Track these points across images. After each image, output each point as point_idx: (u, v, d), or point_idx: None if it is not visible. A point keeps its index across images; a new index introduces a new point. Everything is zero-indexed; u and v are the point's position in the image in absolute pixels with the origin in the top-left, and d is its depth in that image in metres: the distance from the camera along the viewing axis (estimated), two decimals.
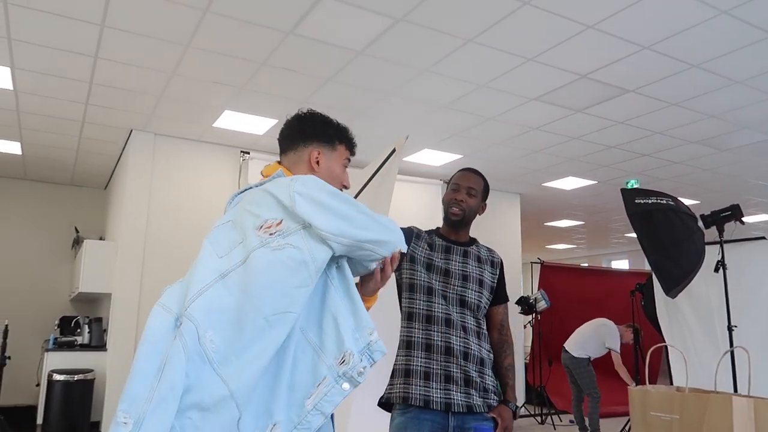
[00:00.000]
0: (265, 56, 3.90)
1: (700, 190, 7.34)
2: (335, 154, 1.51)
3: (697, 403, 2.05)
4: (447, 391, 1.87)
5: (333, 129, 1.53)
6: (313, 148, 1.49)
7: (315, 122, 1.52)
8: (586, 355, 5.60)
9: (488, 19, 3.38)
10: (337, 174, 1.51)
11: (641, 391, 2.24)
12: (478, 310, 2.01)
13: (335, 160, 1.51)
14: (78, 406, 5.07)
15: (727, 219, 3.96)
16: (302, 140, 1.50)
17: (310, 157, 1.48)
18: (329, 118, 1.56)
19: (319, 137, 1.50)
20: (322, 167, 1.48)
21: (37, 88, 4.47)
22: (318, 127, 1.51)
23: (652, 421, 2.13)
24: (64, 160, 6.42)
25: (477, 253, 2.10)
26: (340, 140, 1.53)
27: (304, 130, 1.51)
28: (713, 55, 3.79)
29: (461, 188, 2.09)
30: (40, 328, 6.77)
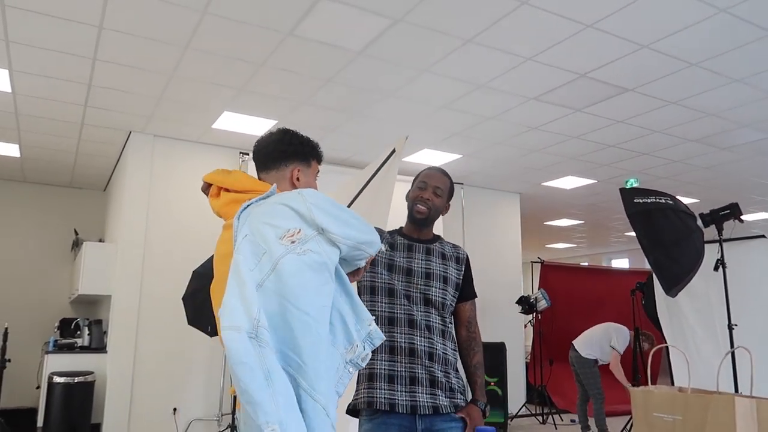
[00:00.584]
0: (264, 57, 3.90)
1: (699, 189, 7.34)
2: (310, 170, 1.69)
3: (700, 403, 2.05)
4: (412, 393, 1.84)
5: (309, 148, 1.69)
6: (294, 167, 1.65)
7: (294, 143, 1.67)
8: (593, 357, 5.60)
9: (487, 19, 3.38)
10: (313, 187, 1.65)
11: (644, 391, 2.24)
12: (443, 308, 1.98)
13: (310, 175, 1.68)
14: (78, 408, 5.07)
15: (726, 217, 3.96)
16: (284, 160, 1.64)
17: (292, 174, 1.64)
18: (304, 137, 1.72)
19: (298, 156, 1.66)
20: (301, 183, 1.64)
21: (36, 90, 4.46)
22: (297, 148, 1.67)
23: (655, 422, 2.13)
24: (63, 163, 6.42)
25: (441, 249, 2.07)
26: (314, 157, 1.70)
27: (285, 151, 1.65)
28: (712, 53, 3.79)
29: (428, 187, 2.06)
30: (40, 330, 6.77)
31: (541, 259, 8.11)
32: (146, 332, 5.27)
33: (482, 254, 6.79)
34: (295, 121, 5.11)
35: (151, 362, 5.25)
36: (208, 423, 5.30)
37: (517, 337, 7.41)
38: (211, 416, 5.35)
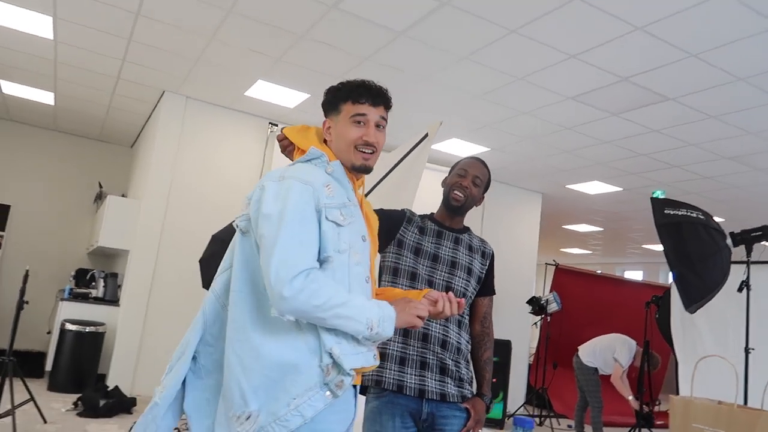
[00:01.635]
0: (305, 29, 3.87)
1: (727, 208, 7.21)
2: (341, 116, 1.49)
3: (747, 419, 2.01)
4: (422, 377, 1.85)
5: (333, 93, 1.52)
6: (325, 121, 1.54)
7: (327, 94, 1.54)
8: (593, 365, 5.55)
9: (536, 10, 3.32)
10: (345, 135, 1.48)
11: (684, 400, 2.21)
12: (464, 299, 1.95)
13: (342, 122, 1.49)
14: (87, 357, 5.16)
15: (757, 239, 3.87)
16: (325, 116, 1.55)
17: (324, 130, 1.53)
18: (344, 82, 1.53)
19: (328, 108, 1.53)
20: (333, 136, 1.51)
21: (77, 39, 4.49)
22: (327, 98, 1.53)
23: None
24: (94, 115, 6.47)
25: (469, 241, 2.06)
26: (344, 99, 1.49)
27: (322, 107, 1.56)
28: (761, 69, 3.69)
29: (468, 175, 2.03)
30: (56, 278, 6.88)
31: (556, 262, 8.04)
32: (160, 290, 5.33)
33: (498, 250, 6.66)
34: None
35: (162, 320, 5.32)
36: None
37: (524, 337, 7.38)
38: None
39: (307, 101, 5.27)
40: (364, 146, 1.47)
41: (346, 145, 1.47)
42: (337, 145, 1.49)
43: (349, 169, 1.48)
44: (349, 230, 1.40)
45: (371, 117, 1.48)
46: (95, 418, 4.24)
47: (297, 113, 5.62)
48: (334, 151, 1.50)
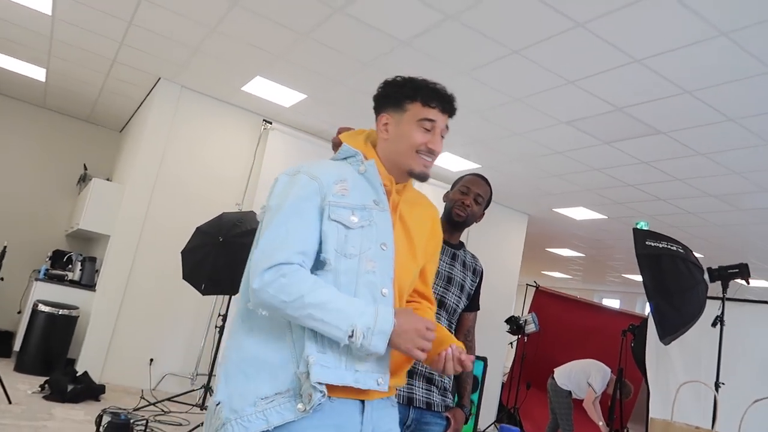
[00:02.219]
0: (308, 29, 3.87)
1: (707, 245, 7.32)
2: (406, 115, 1.38)
3: None
4: (410, 386, 1.89)
5: (404, 89, 1.40)
6: (382, 115, 1.42)
7: (386, 87, 1.43)
8: (567, 388, 5.58)
9: (539, 33, 3.36)
10: (410, 137, 1.37)
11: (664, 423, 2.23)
12: (454, 314, 2.04)
13: (406, 122, 1.38)
14: (58, 339, 5.06)
15: (734, 276, 3.94)
16: (377, 108, 1.45)
17: (380, 125, 1.42)
18: (408, 78, 1.42)
19: (388, 102, 1.42)
20: (391, 134, 1.40)
21: (76, 18, 4.44)
22: (388, 91, 1.42)
23: None
24: (86, 96, 6.39)
25: (464, 258, 2.12)
26: (411, 98, 1.38)
27: (377, 98, 1.45)
28: (752, 112, 3.77)
29: (471, 192, 2.09)
30: (31, 258, 6.74)
31: (537, 283, 8.09)
32: (138, 278, 5.26)
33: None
34: (324, 99, 5.09)
35: (138, 309, 5.24)
36: (182, 379, 5.30)
37: (500, 355, 7.40)
38: (186, 374, 5.34)
39: (303, 102, 5.26)
40: (428, 153, 1.38)
41: (407, 148, 1.37)
42: (395, 146, 1.39)
43: (407, 173, 1.39)
44: (363, 234, 1.29)
45: (439, 123, 1.39)
46: (62, 403, 4.15)
47: (291, 112, 5.60)
48: (388, 150, 1.40)
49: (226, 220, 4.33)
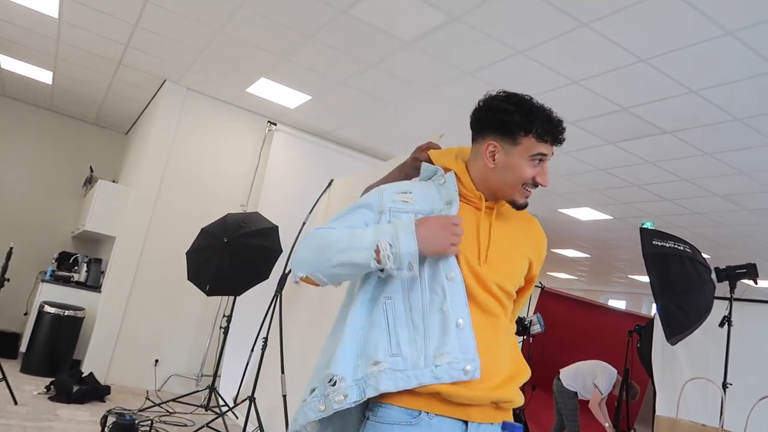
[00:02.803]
0: (313, 30, 3.88)
1: (712, 245, 7.28)
2: (518, 148, 1.30)
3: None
4: None
5: (517, 118, 1.29)
6: (489, 141, 1.33)
7: (495, 110, 1.32)
8: (573, 389, 5.56)
9: (543, 33, 3.35)
10: (519, 172, 1.31)
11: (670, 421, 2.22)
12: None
13: (517, 155, 1.30)
14: (64, 340, 5.08)
15: (742, 276, 3.91)
16: (480, 131, 1.36)
17: (485, 150, 1.33)
18: (517, 102, 1.32)
19: (497, 128, 1.32)
20: (498, 164, 1.32)
21: (82, 20, 4.46)
22: (497, 116, 1.31)
23: None
24: (92, 98, 6.42)
25: None
26: (526, 131, 1.29)
27: (481, 119, 1.35)
28: (759, 111, 3.75)
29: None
30: (38, 259, 6.78)
31: (542, 284, 8.06)
32: (144, 280, 5.28)
33: None
34: (329, 100, 5.09)
35: (143, 310, 5.26)
36: (187, 380, 5.31)
37: None
38: (191, 375, 5.35)
39: (307, 103, 5.27)
40: (532, 186, 1.34)
41: (515, 182, 1.32)
42: (501, 177, 1.32)
43: (508, 203, 1.36)
44: None
45: (548, 157, 1.33)
46: (67, 404, 4.17)
47: (296, 114, 5.61)
48: (491, 179, 1.34)
49: (231, 221, 4.34)
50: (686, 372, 4.40)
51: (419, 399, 1.19)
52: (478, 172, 1.36)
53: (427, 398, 1.19)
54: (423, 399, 1.19)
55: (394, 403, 1.20)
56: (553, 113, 1.33)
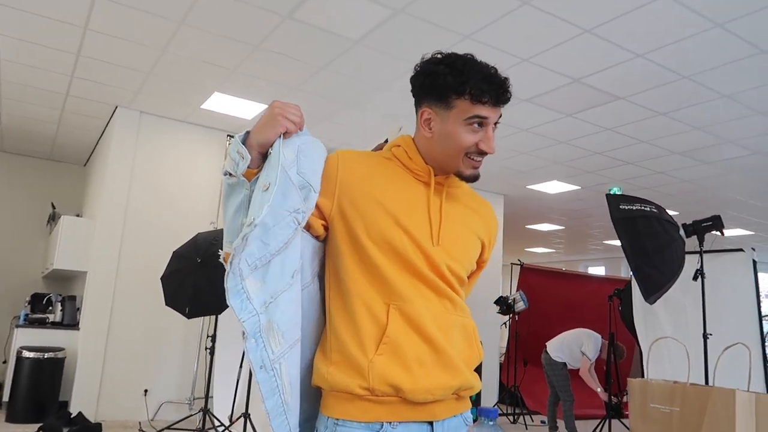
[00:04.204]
0: (260, 39, 3.84)
1: (679, 201, 7.47)
2: (452, 113, 1.17)
3: (699, 396, 2.09)
4: None
5: (449, 79, 1.16)
6: (424, 108, 1.21)
7: (427, 73, 1.19)
8: (561, 360, 5.66)
9: (488, 16, 3.38)
10: (457, 139, 1.18)
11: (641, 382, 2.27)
12: None
13: (453, 120, 1.17)
14: (47, 384, 4.96)
15: (708, 229, 4.03)
16: (417, 99, 1.24)
17: (421, 119, 1.22)
18: (451, 63, 1.18)
19: (429, 93, 1.20)
20: (435, 132, 1.20)
21: (22, 56, 4.34)
22: (429, 80, 1.19)
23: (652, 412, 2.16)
24: (44, 134, 6.26)
25: None
26: (458, 93, 1.16)
27: (415, 86, 1.23)
28: (704, 67, 3.85)
29: None
30: (10, 304, 6.60)
31: (521, 261, 8.17)
32: (121, 311, 5.18)
33: None
34: None
35: (125, 341, 5.16)
36: (179, 406, 5.24)
37: (493, 337, 7.47)
38: (183, 399, 5.28)
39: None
40: (478, 154, 1.21)
41: (456, 151, 1.20)
42: (441, 147, 1.20)
43: (456, 175, 1.25)
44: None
45: (491, 120, 1.19)
46: None
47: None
48: (431, 150, 1.22)
49: (202, 241, 4.29)
50: (668, 328, 4.52)
51: (379, 408, 1.10)
52: (421, 143, 1.25)
53: (387, 405, 1.11)
54: (383, 407, 1.10)
55: (351, 418, 1.10)
56: (495, 71, 1.19)
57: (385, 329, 1.11)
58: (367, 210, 1.16)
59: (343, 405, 1.11)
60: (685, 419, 2.06)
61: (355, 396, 1.10)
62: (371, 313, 1.13)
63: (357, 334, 1.12)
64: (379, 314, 1.13)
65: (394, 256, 1.15)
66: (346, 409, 1.11)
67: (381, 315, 1.13)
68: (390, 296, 1.14)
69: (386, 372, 1.09)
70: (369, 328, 1.12)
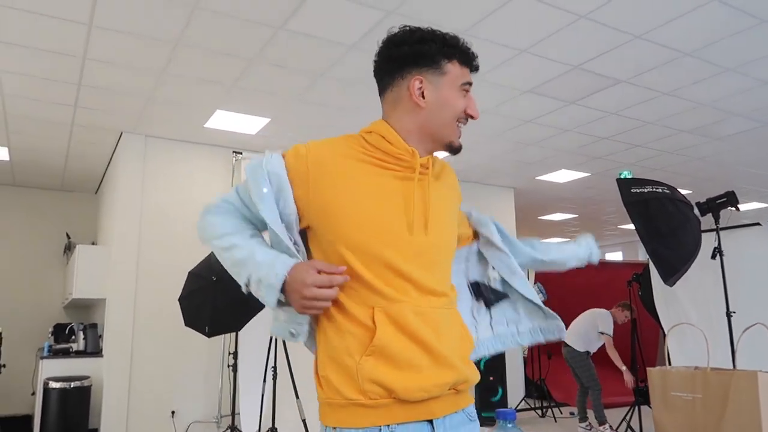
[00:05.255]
0: (255, 53, 3.86)
1: (693, 180, 7.37)
2: (446, 78, 1.15)
3: (721, 380, 2.04)
4: None
5: (437, 45, 1.14)
6: (415, 77, 1.15)
7: (411, 42, 1.15)
8: (584, 349, 5.61)
9: (481, 10, 3.37)
10: (454, 104, 1.17)
11: (661, 371, 2.23)
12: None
13: (447, 86, 1.15)
14: (75, 413, 5.00)
15: (723, 206, 3.97)
16: (397, 70, 1.17)
17: (411, 90, 1.16)
18: (430, 31, 1.16)
19: (417, 61, 1.15)
20: (429, 101, 1.16)
21: (25, 90, 4.40)
22: (415, 47, 1.15)
23: (674, 401, 2.13)
24: (53, 165, 6.34)
25: None
26: (449, 57, 1.15)
27: (394, 56, 1.17)
28: (704, 42, 3.79)
29: None
30: (34, 336, 6.69)
31: None
32: (142, 334, 5.22)
33: None
34: (288, 118, 5.07)
35: (148, 365, 5.20)
36: (207, 425, 5.26)
37: None
38: (210, 418, 5.30)
39: (268, 126, 5.24)
40: (464, 121, 1.20)
41: (451, 117, 1.17)
42: (435, 115, 1.17)
43: (445, 145, 1.21)
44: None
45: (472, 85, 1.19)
46: None
47: (259, 139, 5.58)
48: (424, 121, 1.17)
49: (216, 259, 4.30)
50: (690, 310, 4.45)
51: (373, 412, 1.07)
52: (404, 121, 1.18)
53: (383, 408, 1.07)
54: (379, 410, 1.07)
55: (347, 426, 1.08)
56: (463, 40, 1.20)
57: (373, 334, 1.08)
58: (338, 214, 1.12)
59: (338, 413, 1.09)
60: (708, 406, 2.01)
61: (348, 401, 1.07)
62: (357, 318, 1.10)
63: (344, 341, 1.10)
64: (365, 319, 1.10)
65: (371, 259, 1.11)
66: (341, 417, 1.09)
67: (367, 320, 1.09)
68: (374, 299, 1.10)
69: (375, 373, 1.06)
70: (356, 333, 1.09)
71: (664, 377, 2.21)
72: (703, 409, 2.04)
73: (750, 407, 1.91)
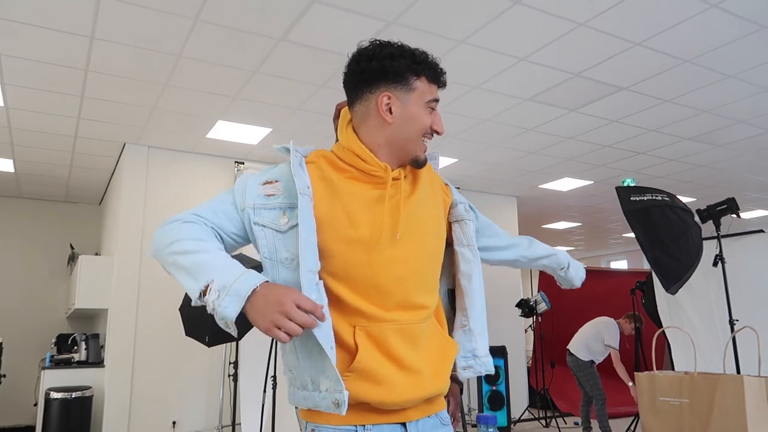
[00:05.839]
0: (257, 64, 3.89)
1: (696, 187, 7.34)
2: (413, 95, 1.18)
3: (707, 385, 2.02)
4: None
5: (406, 61, 1.17)
6: (383, 93, 1.17)
7: (380, 57, 1.17)
8: (589, 358, 5.57)
9: (480, 19, 3.38)
10: (420, 120, 1.19)
11: (649, 375, 2.21)
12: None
13: (414, 102, 1.18)
14: (77, 423, 5.00)
15: (724, 213, 3.95)
16: (366, 85, 1.19)
17: (379, 105, 1.17)
18: (399, 47, 1.19)
19: (385, 76, 1.17)
20: (396, 117, 1.17)
21: (29, 103, 4.44)
22: (384, 63, 1.16)
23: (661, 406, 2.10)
24: (57, 176, 6.38)
25: None
26: (417, 73, 1.17)
27: (366, 71, 1.18)
28: (705, 49, 3.80)
29: None
30: (37, 346, 6.70)
31: None
32: (144, 345, 5.22)
33: None
34: (290, 128, 5.10)
35: (150, 375, 5.19)
36: None
37: (518, 341, 7.37)
38: (211, 428, 5.28)
39: (269, 136, 5.27)
40: (430, 136, 1.23)
41: (416, 133, 1.19)
42: (403, 131, 1.18)
43: (411, 161, 1.22)
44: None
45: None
46: None
47: (261, 149, 5.61)
48: (391, 136, 1.18)
49: None
50: (694, 317, 4.41)
51: (351, 413, 1.10)
52: (373, 135, 1.19)
53: (358, 410, 1.11)
54: (355, 412, 1.11)
55: (325, 422, 1.12)
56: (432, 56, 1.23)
57: (354, 354, 1.10)
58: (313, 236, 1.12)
59: (316, 415, 1.14)
60: (695, 410, 1.99)
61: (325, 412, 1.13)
62: (338, 335, 1.11)
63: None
64: (347, 337, 1.11)
65: (348, 277, 1.12)
66: (320, 415, 1.14)
67: (349, 339, 1.11)
68: (354, 318, 1.12)
69: (353, 387, 1.09)
70: (337, 352, 1.10)
71: (652, 382, 2.19)
72: (691, 414, 2.02)
73: (736, 411, 1.89)
